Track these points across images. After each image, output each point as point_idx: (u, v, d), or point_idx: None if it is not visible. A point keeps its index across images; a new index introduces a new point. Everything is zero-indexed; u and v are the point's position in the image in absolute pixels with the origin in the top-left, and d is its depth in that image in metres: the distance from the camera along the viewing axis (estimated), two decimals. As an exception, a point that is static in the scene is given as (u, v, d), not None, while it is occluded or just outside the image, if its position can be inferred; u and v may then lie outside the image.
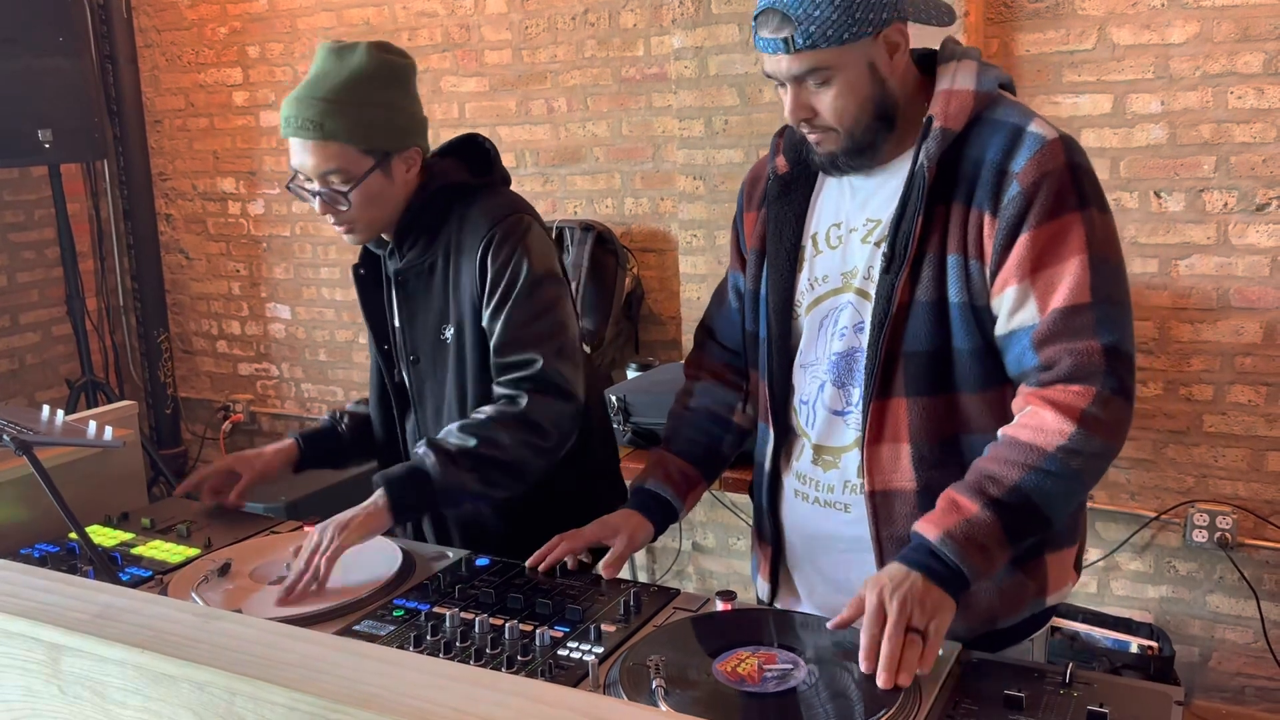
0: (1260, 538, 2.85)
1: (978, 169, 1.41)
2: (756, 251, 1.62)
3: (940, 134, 1.41)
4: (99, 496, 1.90)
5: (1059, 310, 1.36)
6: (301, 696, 0.76)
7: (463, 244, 1.78)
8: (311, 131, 1.67)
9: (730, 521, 3.50)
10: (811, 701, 1.20)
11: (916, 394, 1.44)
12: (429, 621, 1.41)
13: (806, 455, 1.57)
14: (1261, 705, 2.93)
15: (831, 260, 1.53)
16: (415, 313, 1.84)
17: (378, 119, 1.70)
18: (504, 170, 1.89)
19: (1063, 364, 1.35)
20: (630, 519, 1.64)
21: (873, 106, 1.44)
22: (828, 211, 1.56)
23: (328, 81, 1.68)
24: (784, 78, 1.43)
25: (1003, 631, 1.49)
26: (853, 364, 1.50)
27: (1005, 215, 1.38)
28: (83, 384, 4.29)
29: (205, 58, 4.43)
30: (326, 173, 1.69)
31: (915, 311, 1.43)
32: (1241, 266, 2.75)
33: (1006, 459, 1.35)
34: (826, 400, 1.53)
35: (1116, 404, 1.35)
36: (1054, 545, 1.50)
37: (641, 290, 3.65)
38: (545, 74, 3.72)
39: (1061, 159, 1.38)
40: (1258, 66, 2.65)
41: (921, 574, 1.30)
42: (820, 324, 1.54)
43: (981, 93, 1.44)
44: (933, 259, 1.42)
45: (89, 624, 0.86)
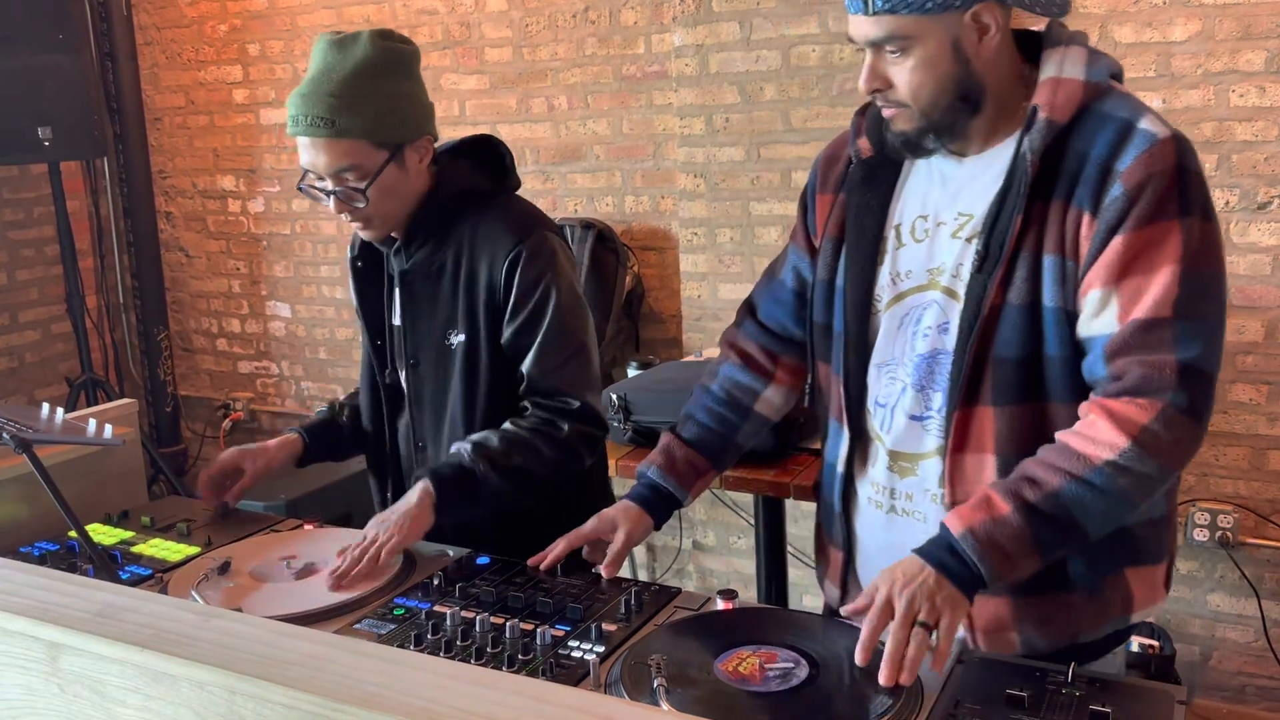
0: (1261, 537, 2.84)
1: (1081, 165, 1.32)
2: (833, 240, 1.53)
3: (1045, 126, 1.32)
4: (99, 494, 1.89)
5: (1137, 322, 1.28)
6: (302, 695, 0.76)
7: (478, 252, 1.76)
8: (323, 129, 1.63)
9: (731, 520, 3.49)
10: (813, 701, 1.19)
11: (1004, 403, 1.36)
12: (430, 620, 1.41)
13: (882, 461, 1.49)
14: (1262, 704, 2.93)
15: (916, 254, 1.45)
16: (419, 315, 1.82)
17: (389, 110, 1.68)
18: (517, 177, 1.88)
19: (1131, 375, 1.28)
20: (628, 513, 1.60)
21: (953, 86, 1.35)
22: (914, 201, 1.47)
23: (334, 75, 1.65)
24: (860, 41, 1.35)
25: (1085, 645, 1.42)
26: (936, 368, 1.41)
27: (1105, 217, 1.29)
28: (82, 382, 4.29)
29: (205, 55, 4.43)
30: (341, 170, 1.66)
31: (1007, 315, 1.34)
32: (1243, 265, 2.75)
33: (1051, 464, 1.29)
34: (907, 405, 1.45)
35: (1182, 424, 1.27)
36: (1136, 560, 1.42)
37: (642, 288, 3.64)
38: (546, 71, 3.72)
39: (1171, 160, 1.29)
40: (1259, 64, 2.65)
41: (936, 569, 1.26)
42: (900, 322, 1.46)
43: (1091, 83, 1.34)
44: (1028, 259, 1.33)
45: (88, 622, 0.86)
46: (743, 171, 3.29)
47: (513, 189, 1.87)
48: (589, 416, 1.77)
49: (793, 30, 3.14)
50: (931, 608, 1.24)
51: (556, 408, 1.75)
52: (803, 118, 3.18)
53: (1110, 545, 1.38)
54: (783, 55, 3.17)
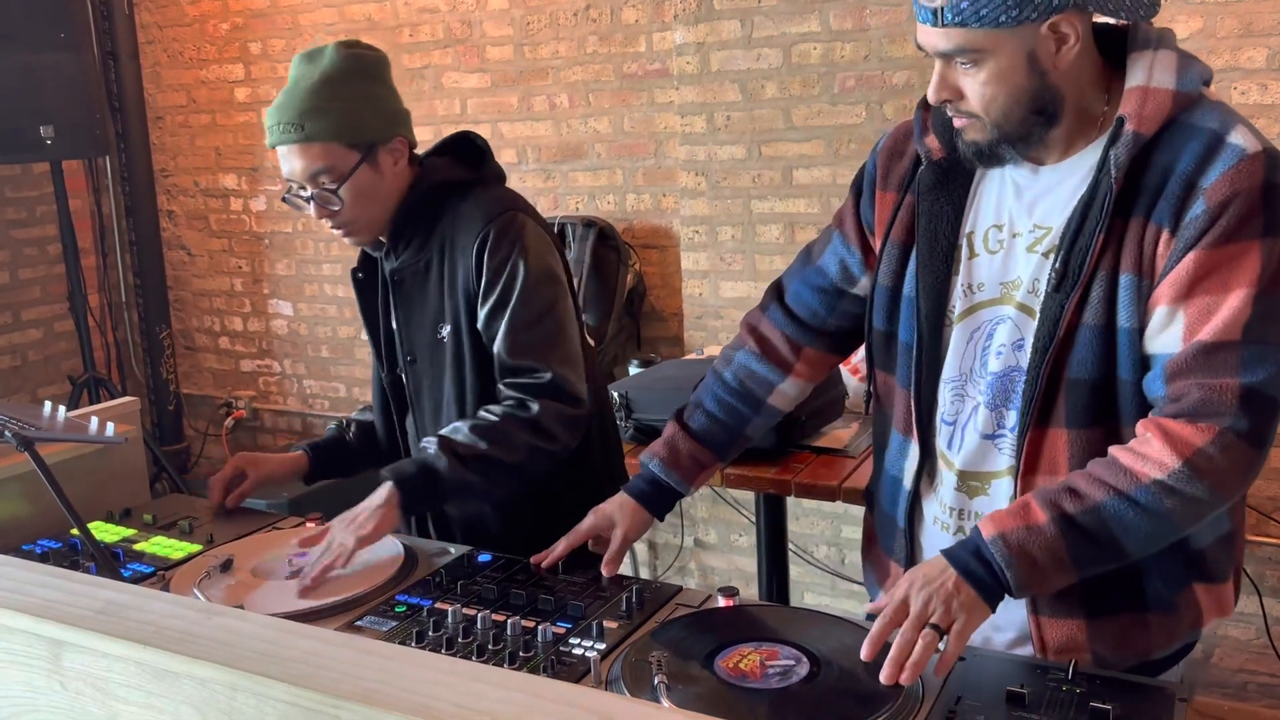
0: (1262, 534, 2.84)
1: (1165, 180, 1.25)
2: (899, 245, 1.45)
3: (1132, 139, 1.25)
4: (101, 492, 1.90)
5: (1201, 344, 1.22)
6: (303, 692, 0.76)
7: (457, 240, 1.77)
8: (294, 134, 1.68)
9: (732, 518, 3.49)
10: (813, 697, 1.19)
11: (1079, 425, 1.31)
12: (431, 617, 1.41)
13: (949, 482, 1.43)
14: (1264, 701, 2.93)
15: (990, 266, 1.38)
16: (411, 313, 1.84)
17: (356, 112, 1.72)
18: (497, 166, 1.89)
19: (1190, 398, 1.22)
20: (625, 509, 1.59)
21: (1027, 100, 1.28)
22: (988, 210, 1.40)
23: (302, 86, 1.71)
24: (930, 52, 1.29)
25: (1155, 662, 1.38)
26: (1010, 387, 1.36)
27: (1184, 235, 1.23)
28: (85, 380, 4.29)
29: (207, 54, 4.43)
30: (315, 173, 1.70)
31: (1081, 336, 1.29)
32: (1245, 262, 2.75)
33: (1097, 477, 1.24)
34: (979, 423, 1.39)
35: (1240, 450, 1.21)
36: (1205, 577, 1.38)
37: (643, 287, 3.64)
38: (547, 70, 3.72)
39: (1260, 177, 1.22)
40: (1261, 62, 2.65)
41: (959, 573, 1.23)
42: (970, 336, 1.40)
43: (1182, 93, 1.26)
44: (1104, 278, 1.27)
45: (91, 620, 0.86)
46: (744, 169, 3.29)
47: (493, 179, 1.87)
48: (560, 392, 1.71)
49: (794, 28, 3.14)
50: (946, 611, 1.20)
51: (525, 384, 1.71)
52: (804, 116, 3.18)
53: (1178, 562, 1.35)
54: (784, 53, 3.17)
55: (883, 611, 1.23)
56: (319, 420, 4.54)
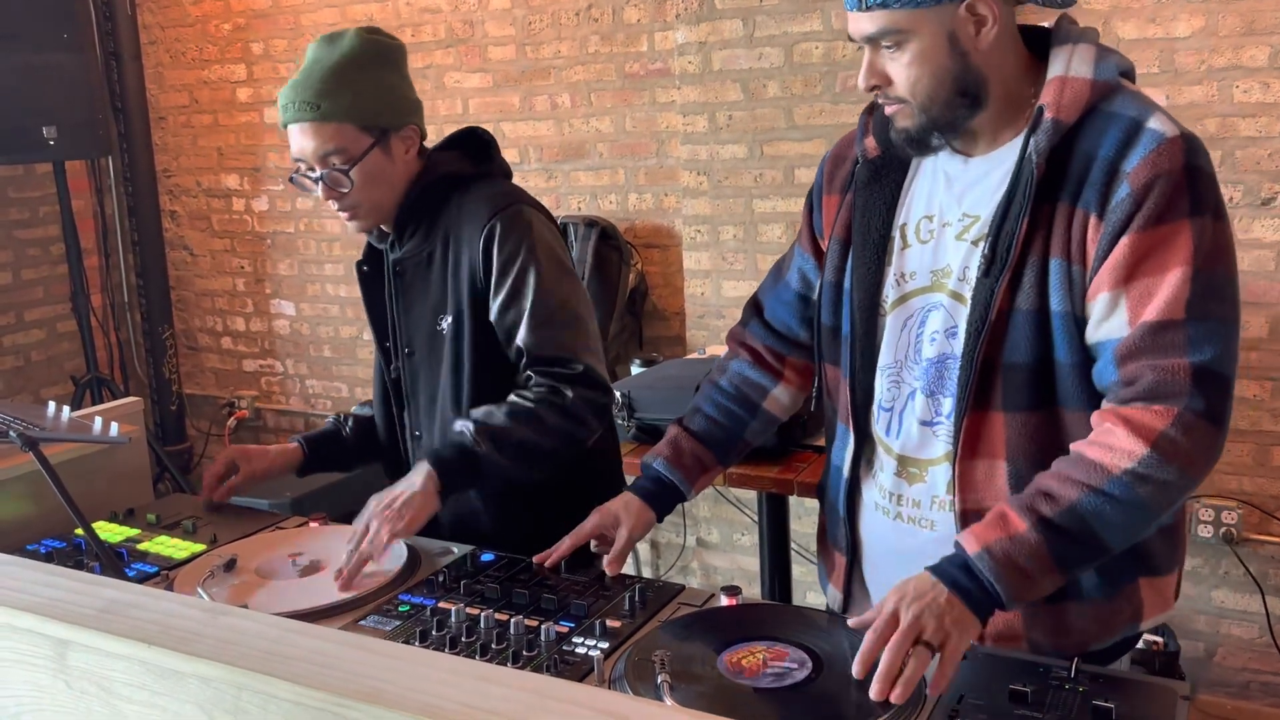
0: (1265, 533, 2.84)
1: (1088, 166, 1.29)
2: (840, 241, 1.51)
3: (1052, 126, 1.29)
4: (105, 492, 1.90)
5: (1148, 325, 1.25)
6: (308, 691, 0.76)
7: (460, 232, 1.78)
8: (309, 112, 1.69)
9: (734, 517, 3.50)
10: (817, 697, 1.20)
11: (1015, 408, 1.34)
12: (434, 617, 1.41)
13: (889, 468, 1.47)
14: (1267, 700, 2.93)
15: (921, 255, 1.42)
16: (412, 303, 1.84)
17: (372, 96, 1.72)
18: (504, 162, 1.89)
19: (1144, 380, 1.24)
20: (630, 508, 1.59)
21: (951, 81, 1.32)
22: (920, 201, 1.45)
23: (321, 66, 1.71)
24: (858, 38, 1.34)
25: (1094, 654, 1.40)
26: (945, 373, 1.39)
27: (1111, 219, 1.27)
28: (88, 380, 4.29)
29: (209, 54, 4.43)
30: (327, 154, 1.70)
31: (1015, 320, 1.32)
32: (1247, 261, 2.74)
33: (1068, 477, 1.26)
34: (917, 410, 1.42)
35: (1200, 428, 1.23)
36: (1150, 571, 1.41)
37: (645, 286, 3.64)
38: (549, 70, 3.72)
39: (1180, 160, 1.25)
40: (1263, 60, 2.65)
41: (949, 589, 1.22)
42: (904, 324, 1.44)
43: (1100, 82, 1.31)
44: (1035, 263, 1.31)
45: (95, 619, 0.86)
46: (745, 169, 3.29)
47: (498, 173, 1.87)
48: (593, 381, 1.73)
49: (795, 27, 3.14)
50: (938, 628, 1.19)
51: (559, 374, 1.72)
52: (805, 115, 3.18)
53: (1125, 557, 1.35)
54: (785, 52, 3.17)
55: (871, 627, 1.21)
56: (321, 420, 4.52)
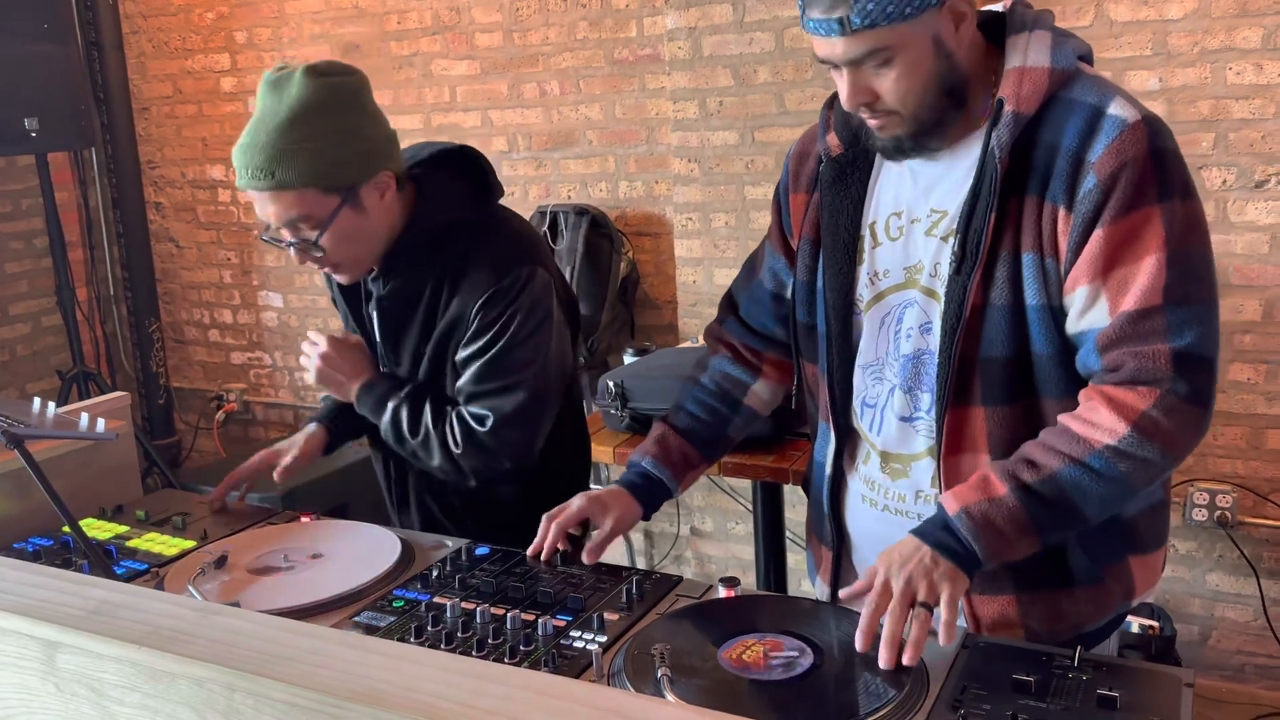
0: (1260, 516, 2.84)
1: (1052, 157, 1.28)
2: (810, 240, 1.51)
3: (1013, 119, 1.29)
4: (93, 489, 1.88)
5: (1128, 314, 1.25)
6: (302, 691, 0.75)
7: (459, 289, 1.70)
8: (263, 181, 1.55)
9: (729, 506, 3.49)
10: (819, 688, 1.18)
11: (995, 403, 1.34)
12: (430, 612, 1.40)
13: (874, 461, 1.48)
14: (1262, 683, 2.93)
15: (893, 253, 1.42)
16: (401, 340, 1.80)
17: (331, 153, 1.57)
18: (500, 186, 1.81)
19: (1126, 368, 1.26)
20: (619, 499, 1.58)
21: (938, 84, 1.31)
22: (887, 198, 1.44)
23: (269, 123, 1.56)
24: (839, 62, 1.30)
25: (1088, 635, 1.42)
26: (922, 369, 1.40)
27: (1081, 210, 1.26)
28: (74, 375, 4.26)
29: (192, 44, 4.39)
30: (291, 221, 1.59)
31: (990, 316, 1.32)
32: (1240, 244, 2.74)
33: (1052, 446, 1.28)
34: (896, 406, 1.43)
35: (1183, 411, 1.25)
36: (1139, 549, 1.42)
37: (637, 274, 3.62)
38: (537, 56, 3.69)
39: (1144, 145, 1.25)
40: (1256, 42, 2.63)
41: (932, 548, 1.26)
42: (881, 322, 1.44)
43: (1058, 70, 1.31)
44: (1007, 258, 1.31)
45: (84, 620, 0.85)
46: (737, 155, 3.27)
47: (497, 209, 1.80)
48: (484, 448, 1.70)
49: (786, 12, 3.11)
50: (929, 585, 1.23)
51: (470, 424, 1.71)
52: (797, 100, 3.15)
53: (1112, 535, 1.38)
54: (776, 37, 3.15)
55: (866, 600, 1.24)
56: (311, 412, 4.51)
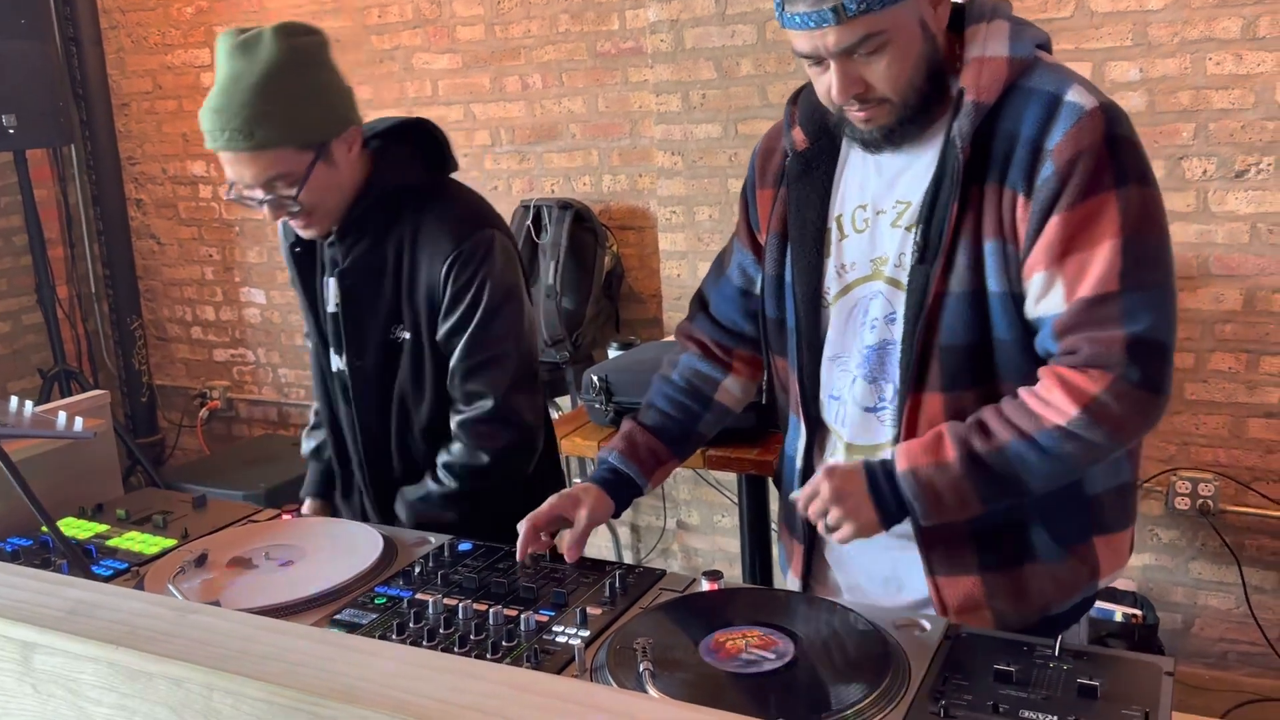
0: (1241, 504, 2.86)
1: (1012, 145, 1.30)
2: (777, 235, 1.51)
3: (973, 109, 1.29)
4: (72, 487, 1.86)
5: (1084, 300, 1.27)
6: (281, 690, 0.74)
7: (419, 251, 1.74)
8: (242, 142, 1.58)
9: (715, 499, 3.49)
10: (801, 680, 1.19)
11: (954, 389, 1.36)
12: (411, 609, 1.39)
13: (840, 454, 1.49)
14: (1244, 670, 2.95)
15: (859, 245, 1.43)
16: (362, 310, 1.80)
17: (307, 110, 1.62)
18: (455, 160, 1.86)
19: (1081, 352, 1.27)
20: (590, 493, 1.58)
21: (926, 67, 1.31)
22: (853, 191, 1.45)
23: (244, 83, 1.58)
24: (830, 53, 1.29)
25: (1056, 617, 1.44)
26: (886, 358, 1.41)
27: (1039, 197, 1.28)
28: (55, 373, 4.23)
29: (171, 38, 4.35)
30: (269, 180, 1.62)
31: (950, 303, 1.33)
32: (1221, 234, 2.75)
33: (1006, 418, 1.31)
34: (858, 396, 1.44)
35: (1135, 396, 1.26)
36: (1104, 529, 1.44)
37: (621, 268, 3.62)
38: (519, 49, 3.68)
39: (1100, 132, 1.27)
40: (1236, 32, 2.64)
41: (869, 491, 1.33)
42: (849, 314, 1.45)
43: (1017, 59, 1.31)
44: (968, 246, 1.32)
45: (61, 620, 0.84)
46: (720, 148, 3.26)
47: (451, 180, 1.84)
48: (508, 421, 1.77)
49: (767, 4, 3.11)
50: (839, 516, 1.34)
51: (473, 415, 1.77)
52: (780, 93, 3.15)
53: (1076, 515, 1.40)
54: (758, 29, 3.14)
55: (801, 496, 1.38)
56: (295, 409, 4.50)
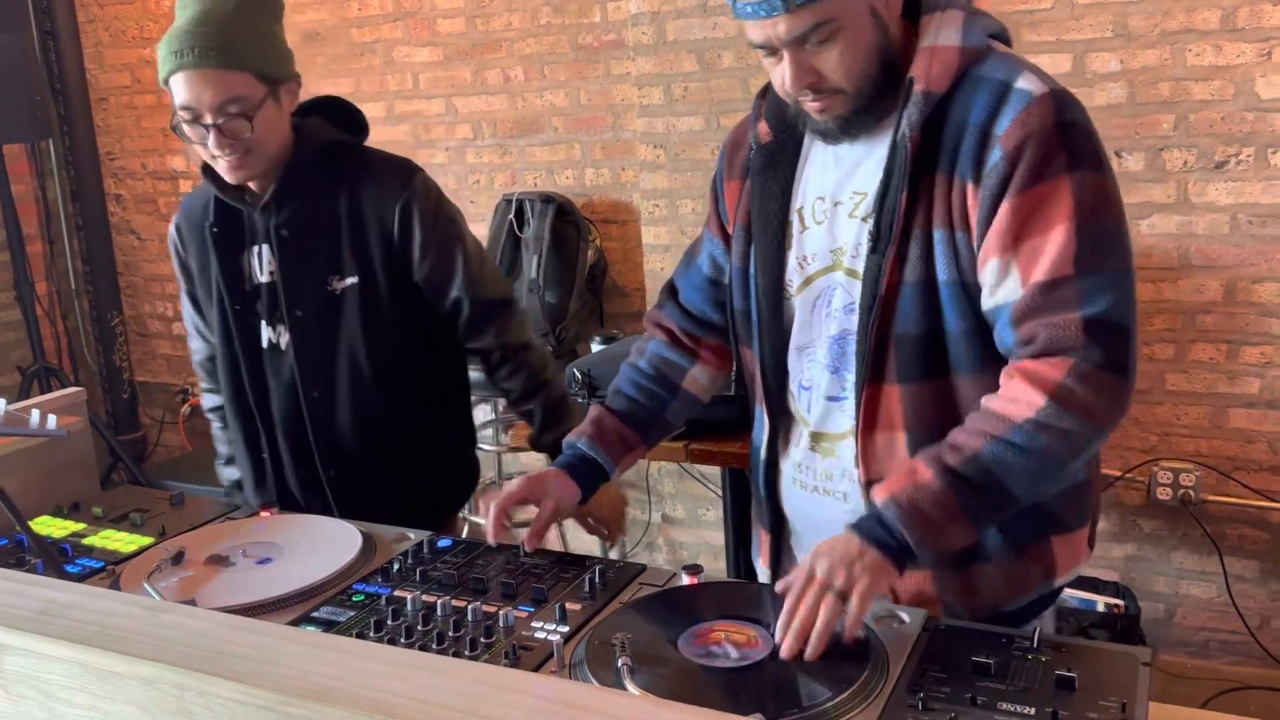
0: (1222, 494, 2.88)
1: (961, 134, 1.29)
2: (743, 227, 1.52)
3: (922, 99, 1.29)
4: (49, 486, 1.85)
5: (1039, 284, 1.25)
6: (253, 690, 0.74)
7: (363, 197, 1.82)
8: (212, 59, 1.67)
9: (699, 492, 3.49)
10: (780, 674, 1.18)
11: (909, 380, 1.35)
12: (390, 606, 1.38)
13: (804, 442, 1.49)
14: (1225, 658, 2.97)
15: (819, 237, 1.42)
16: (297, 265, 1.82)
17: (270, 46, 1.74)
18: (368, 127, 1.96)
19: (1039, 339, 1.26)
20: (559, 481, 1.56)
21: (878, 55, 1.30)
22: (814, 183, 1.45)
23: (219, 12, 1.69)
24: (781, 43, 1.28)
25: (1009, 614, 1.41)
26: (846, 348, 1.41)
27: (988, 184, 1.27)
28: (35, 370, 4.20)
29: (150, 32, 4.32)
30: (227, 102, 1.69)
31: (904, 293, 1.33)
32: (1201, 225, 2.76)
33: (974, 428, 1.28)
34: (824, 386, 1.44)
35: (1099, 378, 1.24)
36: (1060, 528, 1.42)
37: (604, 262, 3.61)
38: (500, 42, 3.66)
39: (1050, 118, 1.25)
40: (1215, 23, 2.65)
41: (862, 539, 1.25)
42: (813, 305, 1.45)
43: (968, 48, 1.31)
44: (920, 235, 1.31)
45: (31, 621, 0.84)
46: (703, 141, 3.26)
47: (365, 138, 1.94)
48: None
49: (749, -4, 3.10)
50: (849, 576, 1.21)
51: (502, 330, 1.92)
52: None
53: (1029, 515, 1.36)
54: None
55: (791, 589, 1.23)
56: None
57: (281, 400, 1.89)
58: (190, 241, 1.93)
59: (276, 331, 1.87)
